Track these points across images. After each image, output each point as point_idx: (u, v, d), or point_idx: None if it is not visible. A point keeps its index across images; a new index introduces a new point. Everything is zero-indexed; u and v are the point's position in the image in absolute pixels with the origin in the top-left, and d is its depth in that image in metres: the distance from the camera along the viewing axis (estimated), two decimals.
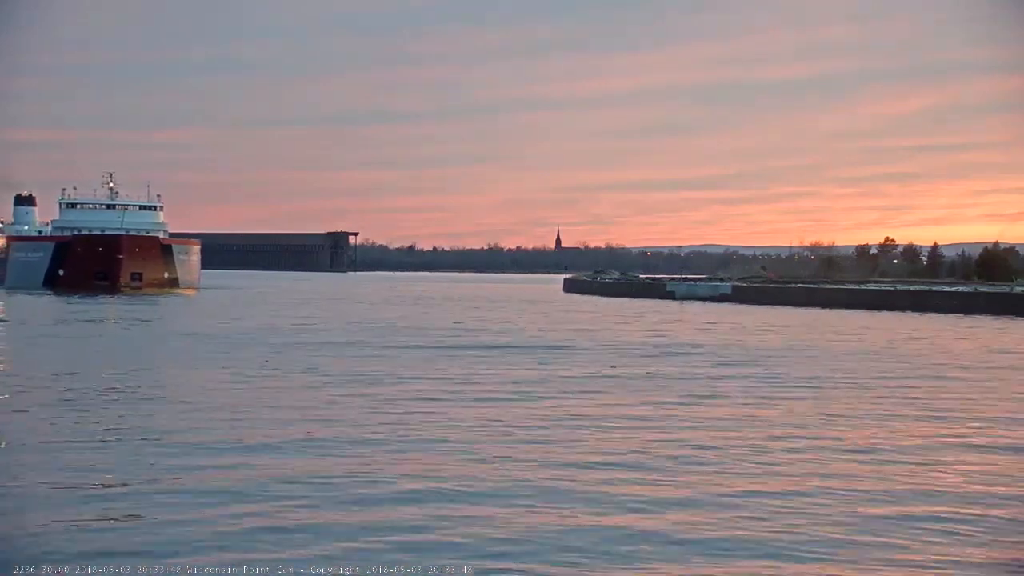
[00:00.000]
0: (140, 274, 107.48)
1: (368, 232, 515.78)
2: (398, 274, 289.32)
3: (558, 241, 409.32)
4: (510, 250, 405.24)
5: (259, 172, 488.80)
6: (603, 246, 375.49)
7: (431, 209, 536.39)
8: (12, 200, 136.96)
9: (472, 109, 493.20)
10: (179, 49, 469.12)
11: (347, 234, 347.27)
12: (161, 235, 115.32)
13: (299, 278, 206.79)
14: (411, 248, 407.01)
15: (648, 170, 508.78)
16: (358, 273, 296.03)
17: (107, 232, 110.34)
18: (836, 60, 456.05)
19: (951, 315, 76.01)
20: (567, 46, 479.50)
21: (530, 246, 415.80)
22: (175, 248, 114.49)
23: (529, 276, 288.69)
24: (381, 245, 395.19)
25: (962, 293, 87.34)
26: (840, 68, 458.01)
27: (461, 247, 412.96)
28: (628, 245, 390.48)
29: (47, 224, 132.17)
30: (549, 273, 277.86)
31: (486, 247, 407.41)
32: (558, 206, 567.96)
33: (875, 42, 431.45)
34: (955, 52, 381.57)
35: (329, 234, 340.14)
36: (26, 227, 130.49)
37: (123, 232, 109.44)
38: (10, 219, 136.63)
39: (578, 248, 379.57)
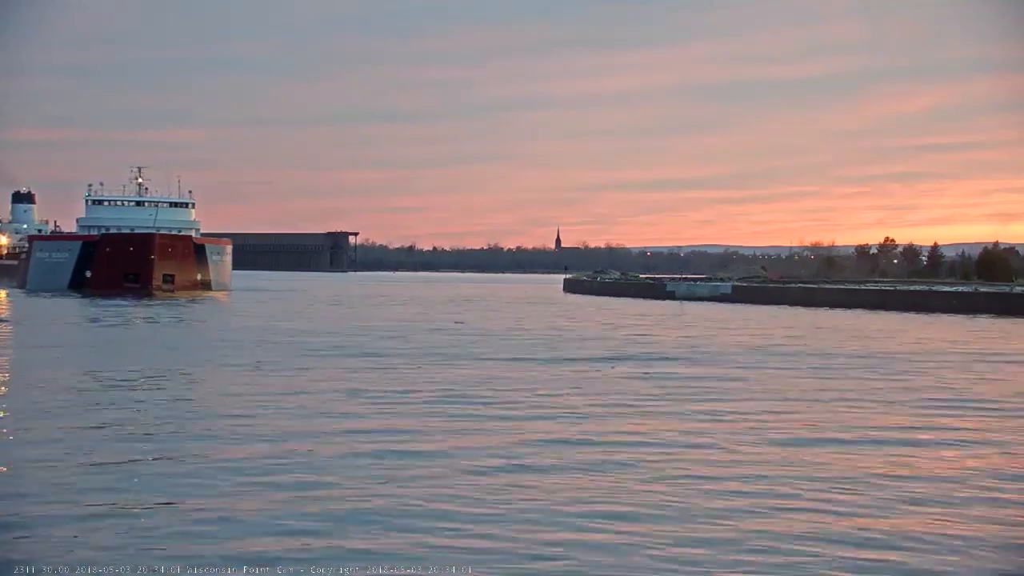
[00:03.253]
0: (173, 276, 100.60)
1: (368, 232, 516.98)
2: (398, 274, 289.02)
3: (558, 241, 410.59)
4: (510, 250, 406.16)
5: (259, 172, 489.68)
6: (603, 246, 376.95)
7: (431, 209, 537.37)
8: (11, 198, 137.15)
9: (472, 109, 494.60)
10: (179, 49, 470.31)
11: (347, 234, 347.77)
12: (193, 234, 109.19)
13: (302, 278, 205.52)
14: (411, 248, 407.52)
15: (648, 170, 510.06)
16: (358, 273, 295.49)
17: (137, 231, 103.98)
18: (840, 59, 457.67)
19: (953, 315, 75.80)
20: (568, 46, 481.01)
21: (530, 246, 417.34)
22: (208, 248, 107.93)
23: (529, 276, 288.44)
24: (381, 245, 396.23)
25: (962, 293, 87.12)
26: (844, 67, 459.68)
27: (461, 247, 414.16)
28: (628, 245, 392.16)
29: (47, 222, 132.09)
30: (549, 273, 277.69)
31: (486, 247, 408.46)
32: (558, 206, 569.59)
33: (879, 41, 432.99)
34: (959, 51, 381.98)
35: (329, 234, 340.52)
36: (25, 225, 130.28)
37: (155, 231, 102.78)
38: (8, 217, 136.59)
39: (578, 248, 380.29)
